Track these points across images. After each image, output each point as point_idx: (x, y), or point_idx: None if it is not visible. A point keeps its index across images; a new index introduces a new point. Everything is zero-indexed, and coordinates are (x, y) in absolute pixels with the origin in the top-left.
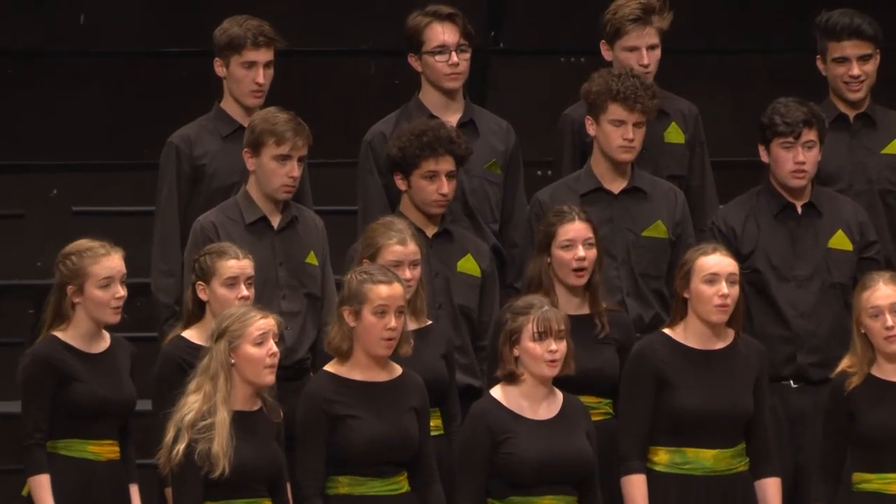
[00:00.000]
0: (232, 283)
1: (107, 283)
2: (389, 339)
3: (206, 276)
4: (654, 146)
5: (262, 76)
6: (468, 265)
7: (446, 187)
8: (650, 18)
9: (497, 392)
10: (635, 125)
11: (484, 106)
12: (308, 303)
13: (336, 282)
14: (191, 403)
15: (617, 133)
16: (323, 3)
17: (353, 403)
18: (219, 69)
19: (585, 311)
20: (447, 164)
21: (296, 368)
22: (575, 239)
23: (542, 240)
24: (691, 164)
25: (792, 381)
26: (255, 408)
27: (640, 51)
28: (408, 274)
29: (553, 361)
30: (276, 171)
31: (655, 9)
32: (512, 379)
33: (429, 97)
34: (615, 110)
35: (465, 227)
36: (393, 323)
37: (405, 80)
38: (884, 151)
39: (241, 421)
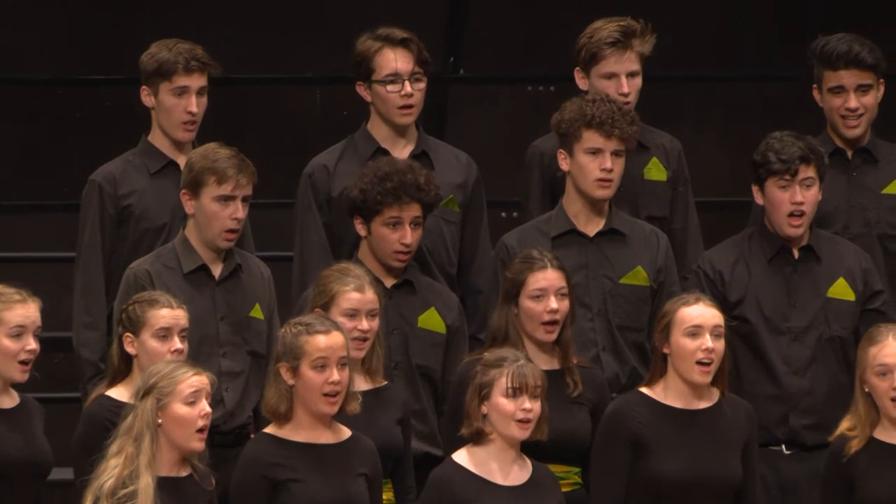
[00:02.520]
0: (164, 334)
1: (18, 332)
2: (333, 395)
3: (135, 326)
4: (634, 183)
5: (195, 104)
6: (431, 320)
7: (410, 237)
8: (630, 42)
9: (461, 456)
10: (613, 154)
11: (442, 140)
12: (252, 361)
13: None
14: (111, 468)
15: (594, 164)
16: (262, 26)
17: (296, 466)
18: (146, 98)
19: (555, 366)
20: (413, 211)
21: (235, 434)
22: (547, 289)
23: (510, 289)
24: (674, 204)
25: (784, 447)
26: (185, 473)
27: (620, 78)
28: (365, 325)
29: (525, 422)
30: (218, 214)
31: (636, 32)
32: (479, 438)
33: (377, 128)
34: (591, 137)
35: (417, 271)
36: (335, 376)
37: (354, 110)
38: (885, 191)
39: (168, 488)
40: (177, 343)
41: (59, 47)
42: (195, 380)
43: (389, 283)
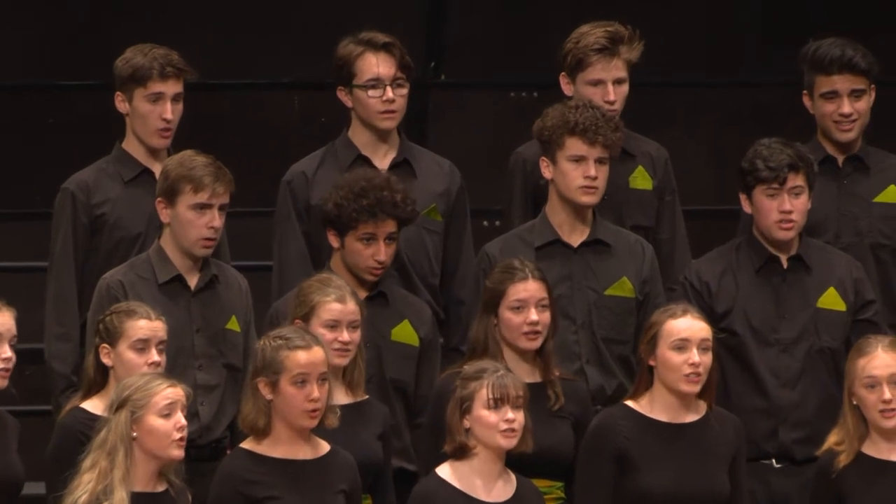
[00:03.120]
0: (141, 346)
1: None
2: (313, 411)
3: (112, 337)
4: (619, 192)
5: (170, 111)
6: (404, 333)
7: (383, 253)
8: (618, 49)
9: (444, 471)
10: (597, 162)
11: (423, 147)
12: (228, 374)
13: None
14: (85, 483)
15: (577, 171)
16: (239, 30)
17: (274, 483)
18: (120, 105)
19: (537, 378)
20: (388, 227)
21: (211, 448)
22: (527, 300)
23: (490, 299)
24: (660, 214)
25: (774, 461)
26: (160, 489)
27: (606, 85)
28: (346, 336)
29: (510, 431)
30: (193, 222)
31: (624, 38)
32: (462, 453)
33: (358, 135)
34: (574, 145)
35: (396, 282)
36: (315, 393)
37: (333, 116)
38: (876, 199)
39: (143, 503)
40: (154, 355)
41: (30, 52)
42: (170, 391)
43: (362, 295)
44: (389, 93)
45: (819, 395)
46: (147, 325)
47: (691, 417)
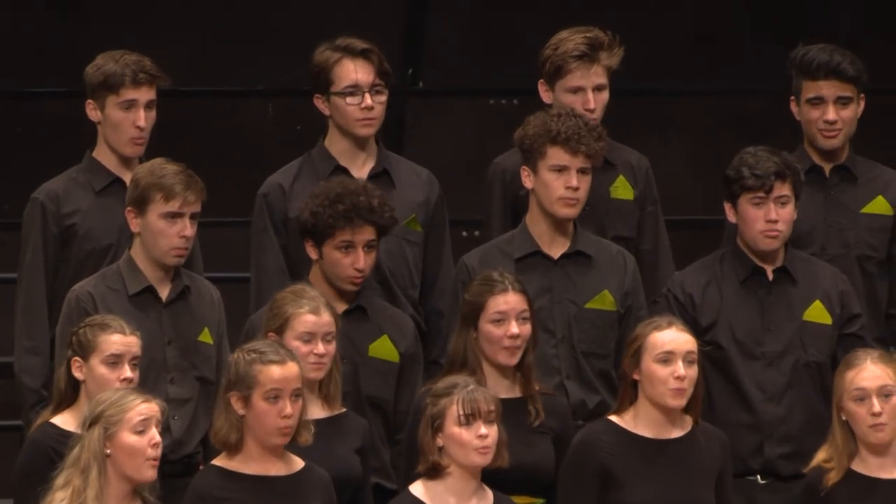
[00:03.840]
0: (114, 361)
1: None
2: (285, 428)
3: (85, 351)
4: (600, 202)
5: (144, 118)
6: (383, 349)
7: (363, 261)
8: (597, 55)
9: (418, 489)
10: (579, 172)
11: (400, 155)
12: (200, 388)
13: None
14: (58, 501)
15: (559, 181)
16: (212, 36)
17: (245, 501)
18: (92, 112)
19: (517, 393)
20: (366, 234)
21: (184, 463)
22: (508, 312)
23: (469, 312)
24: (642, 225)
25: (759, 477)
26: None
27: (586, 92)
28: (321, 348)
29: (484, 448)
30: (164, 232)
31: (604, 44)
32: (436, 472)
33: (336, 144)
34: (556, 154)
35: (378, 295)
36: (289, 409)
37: (309, 125)
38: (864, 210)
39: None
40: (127, 371)
41: None
42: (144, 407)
43: (341, 308)
44: (368, 100)
45: (805, 410)
46: (121, 340)
47: (676, 433)
